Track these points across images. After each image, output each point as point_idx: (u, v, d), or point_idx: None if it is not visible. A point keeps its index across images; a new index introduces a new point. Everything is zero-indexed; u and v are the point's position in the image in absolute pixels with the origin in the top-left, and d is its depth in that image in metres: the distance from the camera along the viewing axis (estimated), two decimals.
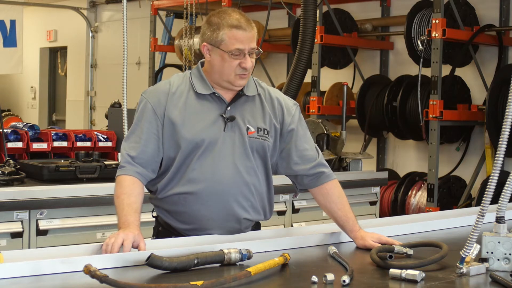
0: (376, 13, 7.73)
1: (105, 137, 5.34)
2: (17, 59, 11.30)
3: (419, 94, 6.22)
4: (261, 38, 7.15)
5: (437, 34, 5.80)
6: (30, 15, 12.33)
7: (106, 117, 5.88)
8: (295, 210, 4.99)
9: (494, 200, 2.11)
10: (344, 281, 2.06)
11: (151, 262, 2.13)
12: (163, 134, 2.66)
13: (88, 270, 1.94)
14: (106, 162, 4.61)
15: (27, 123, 5.27)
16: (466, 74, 6.71)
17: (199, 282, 1.92)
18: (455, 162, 6.78)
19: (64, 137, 5.15)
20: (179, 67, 8.89)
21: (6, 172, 4.18)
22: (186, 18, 7.55)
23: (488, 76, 6.46)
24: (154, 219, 2.83)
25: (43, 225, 3.89)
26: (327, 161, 2.94)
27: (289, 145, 2.78)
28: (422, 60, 6.16)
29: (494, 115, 5.91)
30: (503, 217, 2.21)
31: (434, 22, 5.83)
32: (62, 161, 4.70)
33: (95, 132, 5.41)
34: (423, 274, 2.14)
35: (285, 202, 4.93)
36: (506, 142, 2.09)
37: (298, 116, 2.82)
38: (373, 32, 7.58)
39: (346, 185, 3.45)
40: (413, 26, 6.50)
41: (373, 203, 5.55)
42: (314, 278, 2.07)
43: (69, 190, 4.00)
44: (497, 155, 2.11)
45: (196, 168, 2.64)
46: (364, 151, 6.21)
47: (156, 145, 2.66)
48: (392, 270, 2.17)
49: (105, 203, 3.98)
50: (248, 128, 2.70)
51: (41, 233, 3.88)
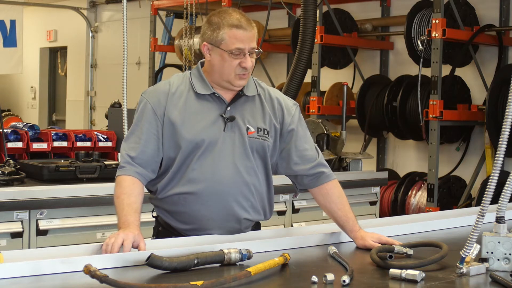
0: (376, 13, 7.73)
1: (105, 137, 5.34)
2: (17, 59, 11.30)
3: (419, 94, 6.21)
4: (261, 38, 7.15)
5: (437, 34, 5.80)
6: (30, 15, 12.33)
7: (106, 117, 5.88)
8: (295, 210, 4.99)
9: (494, 200, 2.10)
10: (344, 281, 2.06)
11: (151, 262, 2.13)
12: (163, 135, 2.66)
13: (88, 270, 1.94)
14: (106, 162, 4.61)
15: (27, 123, 5.27)
16: (466, 74, 6.71)
17: (199, 282, 1.92)
18: (455, 162, 6.78)
19: (64, 137, 5.15)
20: (179, 67, 8.88)
21: (6, 172, 4.18)
22: (186, 18, 7.55)
23: (488, 76, 6.46)
24: (154, 219, 2.83)
25: (43, 225, 3.89)
26: (327, 161, 2.94)
27: (289, 145, 2.78)
28: (422, 60, 6.16)
29: (494, 115, 5.91)
30: (503, 217, 2.21)
31: (434, 22, 5.83)
32: (62, 161, 4.70)
33: (95, 132, 5.41)
34: (423, 274, 2.14)
35: (285, 202, 4.93)
36: (506, 142, 2.09)
37: (298, 116, 2.82)
38: (373, 32, 7.58)
39: (346, 185, 3.44)
40: (413, 26, 6.50)
41: (373, 203, 5.55)
42: (314, 278, 2.07)
43: (69, 190, 4.00)
44: (497, 155, 2.11)
45: (196, 168, 2.64)
46: (364, 151, 6.20)
47: (156, 145, 2.66)
48: (392, 270, 2.17)
49: (105, 203, 3.98)
50: (248, 128, 2.70)
51: (41, 233, 3.88)
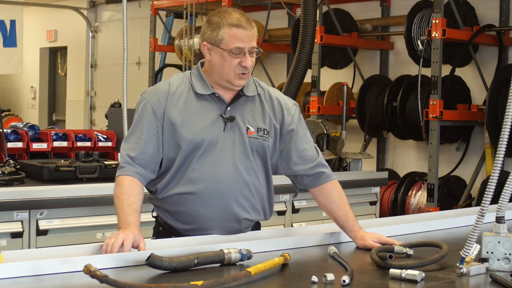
0: (376, 13, 7.73)
1: (105, 137, 5.34)
2: (17, 59, 11.30)
3: (419, 94, 6.21)
4: (261, 38, 7.15)
5: (437, 34, 5.80)
6: (30, 15, 12.33)
7: (106, 117, 5.88)
8: (295, 210, 4.99)
9: (494, 200, 2.10)
10: (344, 281, 2.06)
11: (151, 262, 2.13)
12: (163, 135, 2.66)
13: (88, 270, 1.94)
14: (106, 162, 4.61)
15: (27, 123, 5.27)
16: (466, 74, 6.71)
17: (199, 282, 1.92)
18: (455, 162, 6.78)
19: (64, 137, 5.15)
20: (179, 67, 8.88)
21: (6, 172, 4.18)
22: (186, 18, 7.55)
23: (488, 76, 6.46)
24: (154, 219, 2.83)
25: (43, 225, 3.89)
26: (327, 161, 2.94)
27: (289, 145, 2.78)
28: (422, 60, 6.16)
29: (494, 115, 5.91)
30: (503, 217, 2.21)
31: (434, 22, 5.83)
32: (62, 161, 4.70)
33: (95, 132, 5.41)
34: (423, 274, 2.14)
35: (285, 202, 4.93)
36: (506, 142, 2.09)
37: (298, 116, 2.82)
38: (373, 32, 7.58)
39: (346, 185, 3.44)
40: (413, 26, 6.50)
41: (373, 203, 5.55)
42: (314, 278, 2.07)
43: (69, 190, 4.00)
44: (497, 155, 2.11)
45: (196, 168, 2.64)
46: (364, 151, 6.20)
47: (155, 145, 2.66)
48: (392, 270, 2.17)
49: (105, 203, 3.98)
50: (248, 128, 2.70)
51: (41, 233, 3.88)
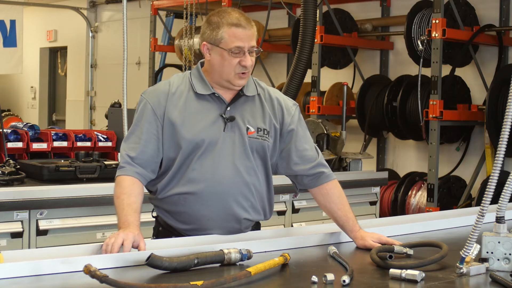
0: (376, 13, 7.73)
1: (105, 137, 5.34)
2: (17, 59, 11.29)
3: (419, 94, 6.21)
4: (261, 38, 7.15)
5: (437, 34, 5.80)
6: (30, 15, 12.33)
7: (106, 117, 5.88)
8: (295, 210, 4.99)
9: (494, 200, 2.10)
10: (344, 281, 2.06)
11: (151, 262, 2.13)
12: (163, 135, 2.66)
13: (88, 270, 1.94)
14: (106, 162, 4.61)
15: (27, 123, 5.27)
16: (466, 74, 6.71)
17: (199, 282, 1.92)
18: (455, 162, 6.78)
19: (64, 137, 5.15)
20: (179, 67, 8.88)
21: (6, 172, 4.18)
22: (186, 18, 7.55)
23: (488, 76, 6.46)
24: (154, 219, 2.83)
25: (43, 225, 3.89)
26: (327, 161, 2.94)
27: (289, 145, 2.78)
28: (422, 60, 6.16)
29: (494, 115, 5.91)
30: (503, 217, 2.21)
31: (434, 22, 5.83)
32: (62, 161, 4.70)
33: (95, 132, 5.41)
34: (423, 274, 2.13)
35: (285, 202, 4.93)
36: (506, 142, 2.09)
37: (298, 116, 2.82)
38: (373, 32, 7.58)
39: (346, 185, 3.44)
40: (413, 26, 6.50)
41: (373, 203, 5.55)
42: (314, 278, 2.07)
43: (69, 190, 4.00)
44: (497, 155, 2.11)
45: (196, 168, 2.64)
46: (364, 151, 6.20)
47: (155, 145, 2.66)
48: (392, 270, 2.17)
49: (105, 203, 3.98)
50: (248, 128, 2.70)
51: (41, 233, 3.88)
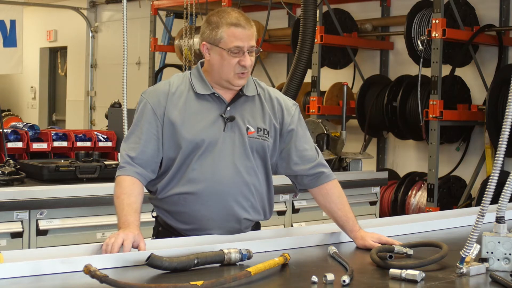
0: (376, 13, 7.73)
1: (105, 137, 5.34)
2: (17, 59, 11.29)
3: (419, 94, 6.21)
4: (261, 38, 7.15)
5: (437, 34, 5.80)
6: (30, 15, 12.33)
7: (106, 117, 5.88)
8: (295, 210, 4.99)
9: (494, 200, 2.10)
10: (344, 281, 2.06)
11: (151, 262, 2.13)
12: (163, 135, 2.66)
13: (88, 270, 1.94)
14: (106, 162, 4.61)
15: (27, 123, 5.27)
16: (466, 74, 6.71)
17: (199, 282, 1.92)
18: (455, 162, 6.78)
19: (64, 137, 5.15)
20: (179, 67, 8.88)
21: (6, 172, 4.18)
22: (186, 18, 7.55)
23: (488, 76, 6.46)
24: (154, 219, 2.83)
25: (43, 225, 3.89)
26: (327, 161, 2.94)
27: (288, 145, 2.78)
28: (422, 60, 6.16)
29: (494, 115, 5.91)
30: (503, 217, 2.21)
31: (434, 22, 5.83)
32: (62, 161, 4.70)
33: (95, 132, 5.41)
34: (423, 274, 2.13)
35: (285, 202, 4.93)
36: (506, 142, 2.09)
37: (298, 116, 2.82)
38: (373, 32, 7.58)
39: (346, 185, 3.44)
40: (413, 26, 6.50)
41: (373, 203, 5.55)
42: (314, 278, 2.07)
43: (69, 190, 4.00)
44: (497, 155, 2.11)
45: (196, 168, 2.64)
46: (364, 151, 6.20)
47: (155, 145, 2.66)
48: (392, 270, 2.17)
49: (105, 203, 3.98)
50: (248, 128, 2.70)
51: (41, 233, 3.88)
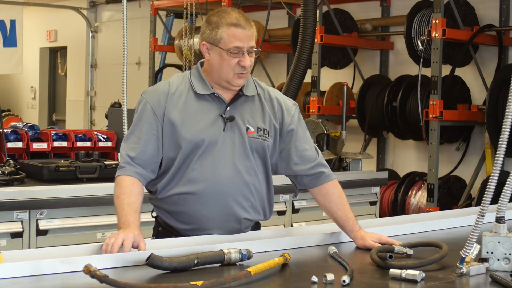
0: (376, 13, 7.73)
1: (105, 137, 5.34)
2: (17, 59, 11.29)
3: (419, 94, 6.21)
4: (261, 38, 7.15)
5: (437, 34, 5.80)
6: (30, 15, 12.33)
7: (106, 117, 5.89)
8: (295, 210, 4.99)
9: (494, 200, 2.10)
10: (344, 281, 2.06)
11: (151, 262, 2.13)
12: (163, 135, 2.66)
13: (88, 270, 1.94)
14: (106, 162, 4.61)
15: (27, 123, 5.27)
16: (466, 74, 6.71)
17: (199, 282, 1.92)
18: (455, 162, 6.78)
19: (64, 137, 5.15)
20: (179, 67, 8.88)
21: (6, 172, 4.18)
22: (186, 18, 7.55)
23: (488, 76, 6.46)
24: (154, 219, 2.83)
25: (43, 225, 3.89)
26: (327, 161, 2.94)
27: (288, 145, 2.78)
28: (422, 60, 6.16)
29: (494, 115, 5.91)
30: (503, 217, 2.21)
31: (434, 22, 5.83)
32: (62, 161, 4.70)
33: (95, 132, 5.41)
34: (423, 274, 2.14)
35: (285, 202, 4.93)
36: (506, 142, 2.09)
37: (298, 116, 2.83)
38: (373, 32, 7.58)
39: (346, 185, 3.44)
40: (413, 26, 6.50)
41: (373, 203, 5.55)
42: (314, 278, 2.07)
43: (69, 190, 4.00)
44: (497, 155, 2.11)
45: (196, 168, 2.64)
46: (364, 151, 6.20)
47: (155, 145, 2.66)
48: (392, 270, 2.17)
49: (105, 203, 3.98)
50: (247, 128, 2.70)
51: (41, 233, 3.88)
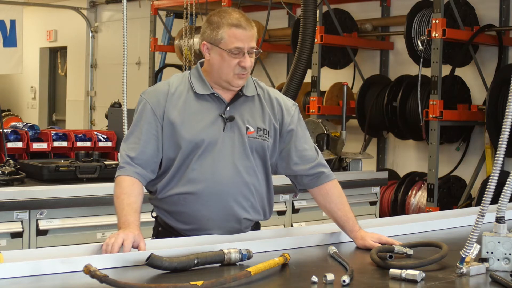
0: (376, 13, 7.73)
1: (105, 137, 5.34)
2: (17, 59, 11.29)
3: (419, 94, 6.21)
4: (261, 38, 7.15)
5: (437, 34, 5.80)
6: (30, 15, 12.33)
7: (106, 117, 5.89)
8: (295, 210, 4.99)
9: (494, 200, 2.10)
10: (344, 281, 2.06)
11: (151, 262, 2.13)
12: (163, 135, 2.66)
13: (88, 270, 1.94)
14: (106, 162, 4.61)
15: (27, 123, 5.27)
16: (466, 74, 6.71)
17: (199, 282, 1.92)
18: (455, 162, 6.78)
19: (64, 137, 5.16)
20: (179, 67, 8.88)
21: (6, 172, 4.17)
22: (186, 18, 7.55)
23: (488, 76, 6.46)
24: (154, 219, 2.83)
25: (43, 225, 3.89)
26: (327, 161, 2.94)
27: (288, 145, 2.78)
28: (422, 60, 6.16)
29: (494, 115, 5.91)
30: (503, 217, 2.21)
31: (434, 22, 5.83)
32: (62, 161, 4.70)
33: (95, 132, 5.41)
34: (423, 274, 2.14)
35: (285, 202, 4.93)
36: (506, 142, 2.09)
37: (298, 116, 2.83)
38: (373, 32, 7.58)
39: (346, 185, 3.45)
40: (413, 26, 6.50)
41: (373, 203, 5.55)
42: (314, 278, 2.07)
43: (69, 190, 4.00)
44: (497, 155, 2.11)
45: (196, 168, 2.64)
46: (364, 151, 6.20)
47: (155, 145, 2.66)
48: (392, 270, 2.17)
49: (105, 203, 3.98)
50: (247, 128, 2.70)
51: (41, 233, 3.88)
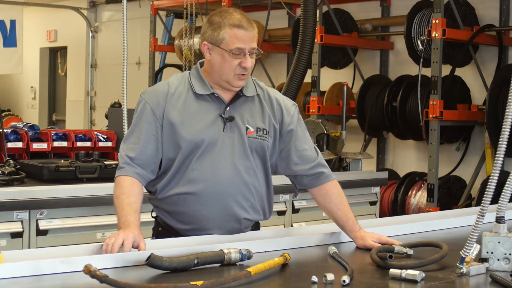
0: (376, 13, 7.73)
1: (105, 137, 5.34)
2: (17, 59, 11.29)
3: (419, 94, 6.21)
4: (261, 38, 7.15)
5: (437, 34, 5.80)
6: (30, 15, 12.33)
7: (106, 117, 5.89)
8: (295, 210, 4.99)
9: (494, 200, 2.10)
10: (344, 281, 2.06)
11: (151, 262, 2.13)
12: (162, 135, 2.66)
13: (88, 270, 1.94)
14: (106, 162, 4.61)
15: (27, 123, 5.27)
16: (466, 74, 6.71)
17: (199, 282, 1.92)
18: (455, 162, 6.78)
19: (64, 137, 5.16)
20: (179, 67, 8.89)
21: (6, 172, 4.17)
22: (186, 18, 7.55)
23: (488, 76, 6.46)
24: (154, 219, 2.83)
25: (43, 225, 3.89)
26: (327, 161, 2.95)
27: (288, 145, 2.78)
28: (422, 60, 6.16)
29: (494, 115, 5.91)
30: (503, 217, 2.21)
31: (434, 22, 5.83)
32: (62, 161, 4.70)
33: (95, 132, 5.41)
34: (423, 274, 2.14)
35: (285, 202, 4.93)
36: (506, 142, 2.09)
37: (297, 116, 2.83)
38: (373, 32, 7.58)
39: (346, 185, 3.45)
40: (413, 26, 6.50)
41: (373, 203, 5.55)
42: (314, 278, 2.07)
43: (69, 190, 4.00)
44: (497, 155, 2.11)
45: (195, 168, 2.64)
46: (364, 151, 6.20)
47: (155, 146, 2.66)
48: (392, 270, 2.17)
49: (105, 203, 3.98)
50: (247, 128, 2.70)
51: (41, 233, 3.88)
